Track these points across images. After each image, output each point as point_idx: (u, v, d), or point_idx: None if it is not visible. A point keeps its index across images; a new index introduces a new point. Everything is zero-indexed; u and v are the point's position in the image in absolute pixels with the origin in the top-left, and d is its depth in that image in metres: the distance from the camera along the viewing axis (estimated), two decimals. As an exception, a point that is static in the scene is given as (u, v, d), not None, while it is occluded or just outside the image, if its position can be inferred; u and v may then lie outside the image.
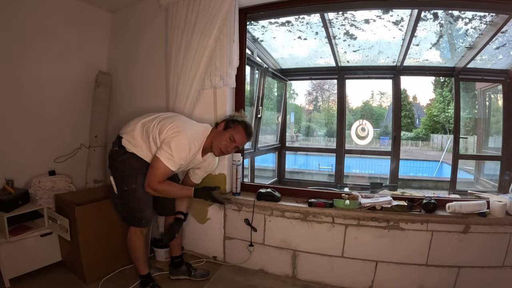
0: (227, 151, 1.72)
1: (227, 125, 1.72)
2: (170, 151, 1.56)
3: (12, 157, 2.09)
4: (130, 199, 1.70)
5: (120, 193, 1.72)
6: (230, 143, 1.69)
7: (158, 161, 1.57)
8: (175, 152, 1.56)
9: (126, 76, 2.57)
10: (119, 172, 1.71)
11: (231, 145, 1.70)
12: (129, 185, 1.68)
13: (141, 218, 1.73)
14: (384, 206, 1.79)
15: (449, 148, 8.50)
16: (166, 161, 1.57)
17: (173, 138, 1.58)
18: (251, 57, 3.19)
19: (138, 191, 1.68)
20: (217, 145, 1.69)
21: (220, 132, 1.71)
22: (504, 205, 1.68)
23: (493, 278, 1.71)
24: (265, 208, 2.00)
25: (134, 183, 1.67)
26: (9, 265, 1.77)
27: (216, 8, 1.96)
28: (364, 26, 2.91)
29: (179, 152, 1.58)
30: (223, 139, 1.68)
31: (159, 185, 1.61)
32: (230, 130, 1.70)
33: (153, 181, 1.59)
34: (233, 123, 1.72)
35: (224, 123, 1.73)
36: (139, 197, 1.69)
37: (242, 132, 1.71)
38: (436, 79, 9.56)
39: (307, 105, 11.55)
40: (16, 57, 2.08)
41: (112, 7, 2.58)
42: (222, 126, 1.72)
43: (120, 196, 1.73)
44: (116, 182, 1.72)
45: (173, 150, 1.56)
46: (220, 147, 1.69)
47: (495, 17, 2.51)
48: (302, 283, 1.95)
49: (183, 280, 1.94)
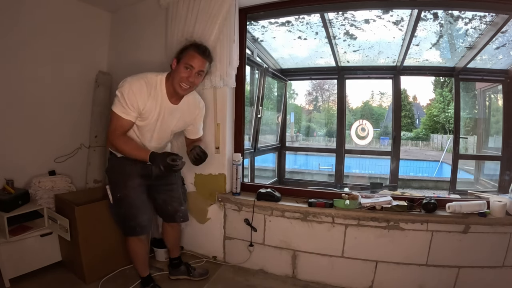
0: (190, 82, 1.55)
1: (178, 58, 1.57)
2: (117, 97, 1.51)
3: (12, 157, 2.09)
4: (123, 206, 1.66)
5: (114, 201, 1.68)
6: (189, 72, 1.54)
7: (111, 112, 1.53)
8: (121, 95, 1.50)
9: (126, 76, 2.54)
10: (110, 179, 1.70)
11: (190, 73, 1.54)
12: (120, 191, 1.65)
13: (135, 225, 1.65)
14: (384, 206, 1.79)
15: (449, 148, 8.50)
16: (115, 108, 1.51)
17: (118, 88, 1.53)
18: (251, 57, 3.18)
19: (130, 196, 1.64)
20: (176, 81, 1.54)
21: (175, 68, 1.57)
22: (504, 205, 1.68)
23: (493, 278, 1.71)
24: (265, 208, 2.00)
25: (124, 188, 1.64)
26: (9, 265, 1.77)
27: (216, 8, 1.96)
28: (364, 26, 2.91)
29: (127, 93, 1.49)
30: (179, 71, 1.54)
31: (116, 139, 1.52)
32: (183, 60, 1.54)
33: (108, 133, 1.54)
34: (183, 52, 1.57)
35: (175, 59, 1.58)
36: (132, 202, 1.65)
37: (195, 54, 1.54)
38: (436, 79, 9.55)
39: (307, 105, 11.55)
40: (16, 57, 2.08)
41: (112, 7, 2.57)
42: (175, 62, 1.58)
43: (114, 206, 1.69)
44: (111, 191, 1.69)
45: (119, 95, 1.50)
46: (180, 81, 1.54)
47: (495, 17, 2.51)
48: (302, 283, 1.95)
49: (183, 280, 1.94)
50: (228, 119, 2.15)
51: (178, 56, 1.59)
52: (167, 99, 1.61)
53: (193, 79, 1.57)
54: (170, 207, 1.83)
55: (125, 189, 1.63)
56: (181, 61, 1.56)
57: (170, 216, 1.86)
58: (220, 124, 2.12)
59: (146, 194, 1.73)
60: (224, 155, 2.15)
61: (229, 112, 2.17)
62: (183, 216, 1.89)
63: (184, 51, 1.58)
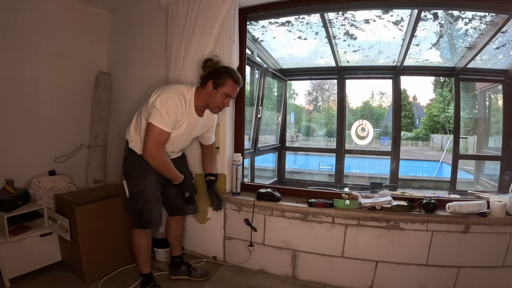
0: (224, 106, 1.73)
1: (215, 83, 1.67)
2: (158, 110, 1.54)
3: (12, 157, 2.09)
4: (139, 201, 1.70)
5: (130, 195, 1.72)
6: (226, 99, 1.69)
7: (149, 125, 1.56)
8: (162, 109, 1.54)
9: (126, 76, 2.57)
10: (128, 174, 1.73)
11: (227, 100, 1.70)
12: (137, 186, 1.69)
13: (150, 219, 1.73)
14: (384, 206, 1.79)
15: (449, 148, 8.50)
16: (156, 121, 1.54)
17: (156, 99, 1.57)
18: (251, 57, 3.19)
19: (146, 192, 1.69)
20: (214, 105, 1.69)
21: (211, 92, 1.67)
22: (504, 205, 1.68)
23: (493, 278, 1.71)
24: (265, 208, 2.00)
25: (142, 184, 1.68)
26: (9, 265, 1.77)
27: (216, 8, 1.97)
28: (364, 26, 2.91)
29: (167, 108, 1.55)
30: (217, 98, 1.67)
31: (159, 154, 1.59)
32: (221, 88, 1.66)
33: (148, 146, 1.56)
34: (221, 80, 1.67)
35: (212, 82, 1.67)
36: (148, 198, 1.70)
37: (232, 84, 1.68)
38: (436, 79, 9.55)
39: (307, 105, 11.55)
40: (16, 57, 2.08)
41: (112, 7, 2.58)
42: (211, 85, 1.67)
43: (130, 199, 1.73)
44: (128, 185, 1.72)
45: (160, 108, 1.54)
46: (218, 106, 1.70)
47: (495, 17, 2.51)
48: (302, 283, 1.95)
49: (183, 280, 1.94)
50: (228, 119, 2.16)
51: (214, 80, 1.67)
52: (194, 112, 1.71)
53: (227, 104, 1.73)
54: (180, 200, 1.87)
55: (143, 185, 1.69)
56: (219, 88, 1.67)
57: (179, 209, 1.91)
58: (220, 124, 2.12)
59: (160, 191, 1.80)
60: (224, 155, 2.15)
61: (229, 112, 2.17)
62: (193, 208, 1.96)
63: (222, 79, 1.67)
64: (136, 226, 1.77)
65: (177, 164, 1.82)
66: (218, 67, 1.76)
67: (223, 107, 1.73)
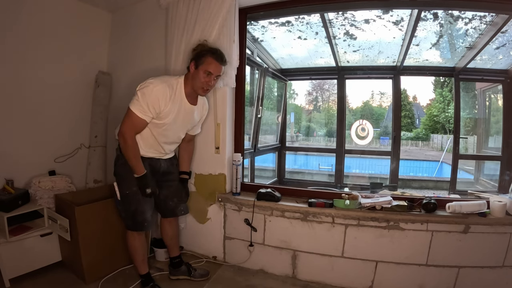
0: (210, 86, 1.70)
1: (196, 63, 1.67)
2: (137, 96, 1.59)
3: (12, 157, 2.09)
4: (132, 202, 1.70)
5: (122, 198, 1.71)
6: (208, 77, 1.67)
7: (128, 109, 1.60)
8: (141, 97, 1.57)
9: (126, 76, 2.57)
10: (120, 176, 1.72)
11: (210, 79, 1.67)
12: (130, 188, 1.68)
13: (143, 221, 1.73)
14: (384, 206, 1.79)
15: (449, 148, 8.49)
16: (133, 107, 1.58)
17: (138, 88, 1.61)
18: (251, 57, 3.18)
19: (139, 193, 1.68)
20: (198, 86, 1.68)
21: (194, 72, 1.68)
22: (504, 205, 1.68)
23: (493, 278, 1.71)
24: (265, 208, 2.00)
25: (135, 185, 1.67)
26: (9, 265, 1.77)
27: (216, 8, 1.97)
28: (364, 26, 2.91)
29: (146, 96, 1.57)
30: (199, 77, 1.66)
31: (129, 137, 1.60)
32: (201, 67, 1.65)
33: (122, 128, 1.60)
34: (201, 58, 1.67)
35: (193, 62, 1.68)
36: (140, 199, 1.70)
37: (211, 60, 1.66)
38: (436, 79, 9.54)
39: (307, 105, 11.53)
40: (16, 58, 2.08)
41: (112, 7, 2.58)
42: (193, 66, 1.68)
43: (122, 202, 1.72)
44: (119, 187, 1.71)
45: (140, 96, 1.58)
46: (202, 86, 1.68)
47: (495, 17, 2.50)
48: (302, 283, 1.95)
49: (183, 280, 1.94)
50: (228, 119, 2.16)
51: (196, 60, 1.68)
52: (186, 101, 1.72)
53: (212, 83, 1.71)
54: (171, 202, 1.90)
55: (135, 186, 1.68)
56: (199, 67, 1.66)
57: (170, 210, 1.92)
58: (220, 124, 2.13)
59: None
60: (224, 155, 2.15)
61: (229, 112, 2.17)
62: (184, 209, 1.97)
63: (202, 57, 1.67)
64: (130, 229, 1.76)
65: (169, 164, 1.85)
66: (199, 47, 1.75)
67: (207, 87, 1.69)
